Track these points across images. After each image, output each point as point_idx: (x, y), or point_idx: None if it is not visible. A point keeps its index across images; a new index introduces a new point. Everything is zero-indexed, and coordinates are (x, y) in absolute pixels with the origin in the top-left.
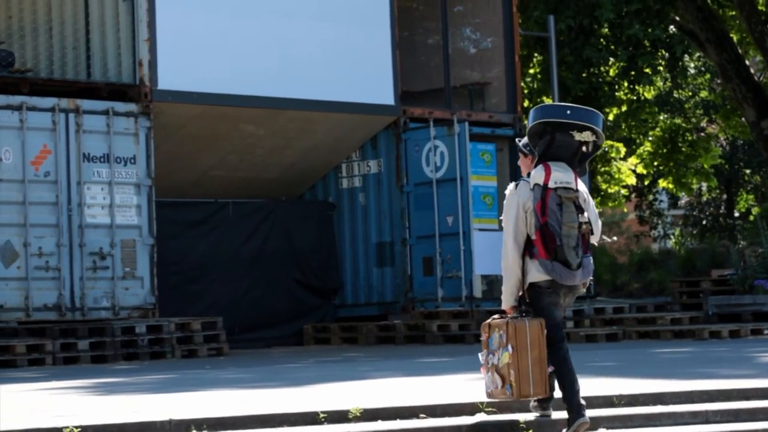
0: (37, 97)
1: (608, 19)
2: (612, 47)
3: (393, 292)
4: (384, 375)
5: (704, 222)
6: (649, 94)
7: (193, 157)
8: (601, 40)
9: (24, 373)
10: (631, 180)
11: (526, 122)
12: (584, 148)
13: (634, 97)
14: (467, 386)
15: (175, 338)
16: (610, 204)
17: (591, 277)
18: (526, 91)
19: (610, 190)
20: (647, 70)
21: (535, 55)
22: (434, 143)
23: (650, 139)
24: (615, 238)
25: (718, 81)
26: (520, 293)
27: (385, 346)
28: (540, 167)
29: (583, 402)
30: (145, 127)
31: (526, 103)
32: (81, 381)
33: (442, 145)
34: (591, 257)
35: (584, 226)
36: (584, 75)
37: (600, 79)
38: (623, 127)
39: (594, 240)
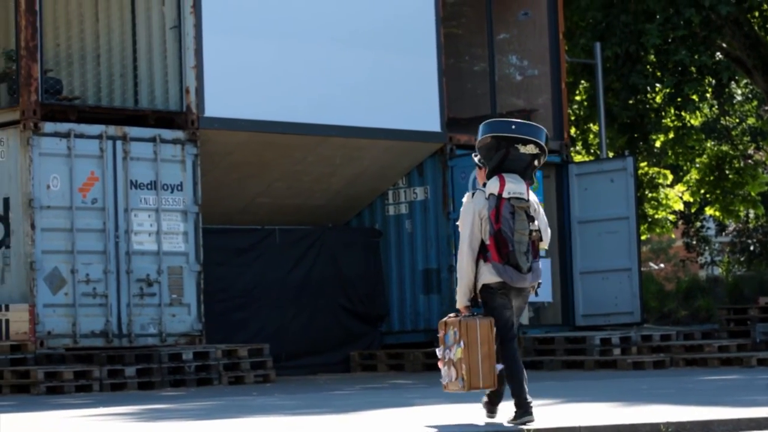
0: (84, 125)
1: (654, 45)
2: (658, 74)
3: (440, 318)
4: (430, 402)
5: (752, 249)
6: (695, 121)
7: (240, 184)
8: (648, 66)
9: (71, 400)
10: (679, 205)
11: (572, 151)
12: (536, 162)
13: (681, 124)
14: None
15: (221, 365)
16: (657, 230)
17: (540, 280)
18: (572, 118)
19: (657, 216)
20: (694, 97)
21: (582, 82)
22: None
23: (697, 166)
24: (662, 265)
25: (766, 108)
26: (473, 294)
27: (432, 373)
28: (495, 178)
29: (530, 399)
30: (192, 154)
31: (572, 131)
32: (128, 407)
33: None
34: (539, 262)
35: (534, 234)
36: (631, 102)
37: (646, 106)
38: (670, 154)
39: (543, 246)
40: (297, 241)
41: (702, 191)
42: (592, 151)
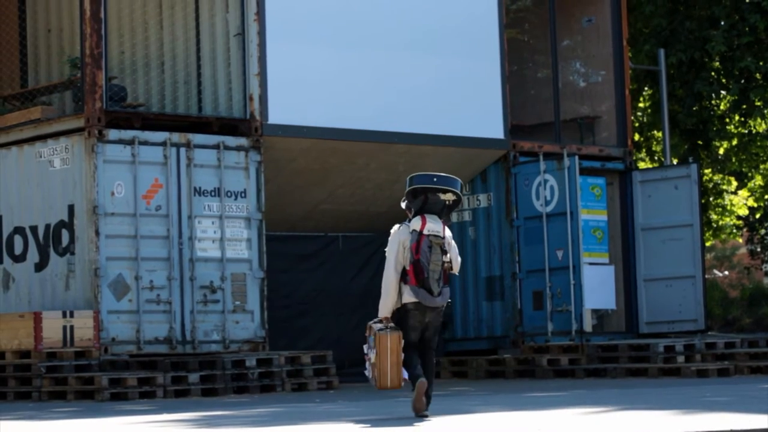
0: (148, 132)
1: (719, 52)
2: (723, 81)
3: (503, 326)
4: (493, 409)
5: None
6: (760, 127)
7: (303, 191)
8: (713, 73)
9: (135, 406)
10: (744, 211)
11: (635, 157)
12: (447, 202)
13: (746, 131)
14: (576, 420)
15: (285, 372)
16: (722, 236)
17: (448, 301)
18: (636, 125)
19: (721, 222)
20: (758, 104)
21: (645, 88)
22: (544, 177)
23: (761, 172)
24: (726, 272)
25: None
26: (396, 308)
27: (495, 381)
28: (418, 218)
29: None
30: (256, 161)
31: (636, 137)
32: (191, 414)
33: (552, 179)
34: (448, 287)
35: (446, 264)
36: (695, 108)
37: (710, 113)
38: (734, 160)
39: (454, 272)
40: (360, 248)
41: (766, 197)
42: (655, 157)
